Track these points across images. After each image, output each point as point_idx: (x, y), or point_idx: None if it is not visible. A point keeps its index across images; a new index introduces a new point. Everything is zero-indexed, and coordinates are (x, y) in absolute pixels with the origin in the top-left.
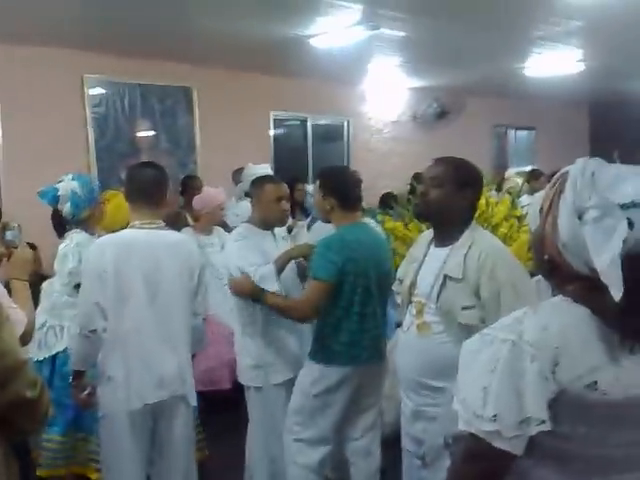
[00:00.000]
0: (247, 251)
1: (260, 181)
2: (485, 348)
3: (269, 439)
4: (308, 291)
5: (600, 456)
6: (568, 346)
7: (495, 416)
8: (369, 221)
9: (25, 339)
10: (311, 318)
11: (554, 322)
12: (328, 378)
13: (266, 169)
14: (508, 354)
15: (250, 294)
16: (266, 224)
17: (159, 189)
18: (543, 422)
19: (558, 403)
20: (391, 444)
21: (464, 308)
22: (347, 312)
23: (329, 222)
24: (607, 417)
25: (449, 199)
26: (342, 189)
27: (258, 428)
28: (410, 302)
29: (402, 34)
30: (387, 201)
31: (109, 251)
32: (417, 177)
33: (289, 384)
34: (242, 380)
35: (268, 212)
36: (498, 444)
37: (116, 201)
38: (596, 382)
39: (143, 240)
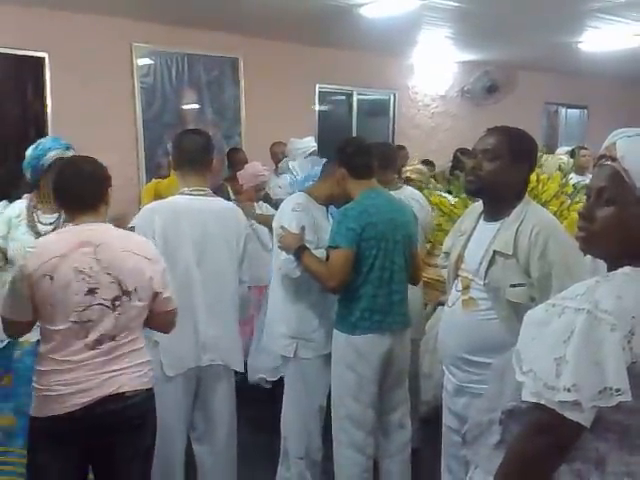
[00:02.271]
0: (304, 225)
1: None
2: (555, 318)
3: (303, 411)
4: (330, 260)
5: None
6: None
7: (574, 386)
8: (414, 193)
9: None
10: (338, 287)
11: (628, 291)
12: (355, 347)
13: (311, 142)
14: (584, 323)
15: (294, 249)
16: (331, 201)
17: (206, 156)
18: (624, 393)
19: (629, 375)
20: (427, 423)
21: (513, 285)
22: (367, 277)
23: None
24: None
25: (503, 173)
26: (349, 158)
27: (292, 399)
28: (456, 277)
29: (454, 4)
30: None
31: (158, 217)
32: (463, 152)
33: (326, 357)
34: (273, 346)
35: (339, 191)
36: (570, 415)
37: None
38: None
39: (191, 206)
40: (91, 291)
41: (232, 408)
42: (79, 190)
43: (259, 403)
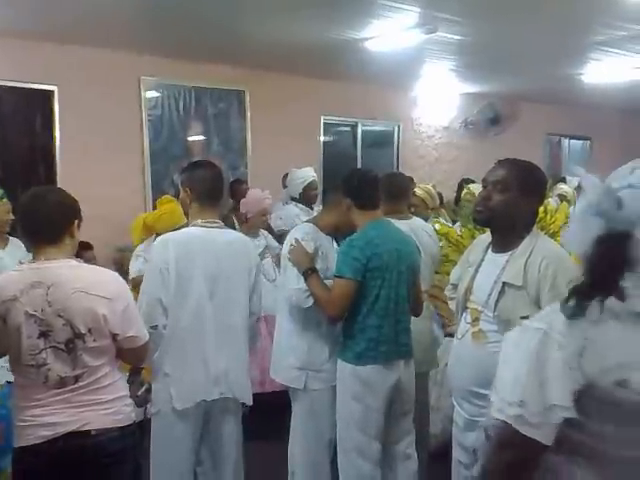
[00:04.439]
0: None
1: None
2: (522, 338)
3: (312, 444)
4: (333, 289)
5: (636, 460)
6: (599, 338)
7: (521, 402)
8: (423, 224)
9: None
10: (338, 316)
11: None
12: (361, 378)
13: (310, 172)
14: (538, 342)
15: (303, 267)
16: (336, 231)
17: (221, 189)
18: (567, 409)
19: (587, 397)
20: (437, 456)
21: (523, 317)
22: (373, 308)
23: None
24: None
25: (513, 205)
26: (355, 189)
27: (301, 432)
28: (465, 308)
29: (458, 38)
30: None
31: (172, 248)
32: (468, 182)
33: (336, 388)
34: (279, 378)
35: (344, 221)
36: (525, 430)
37: (166, 207)
38: (627, 380)
39: (204, 238)
40: (43, 334)
41: (239, 442)
42: (41, 220)
43: (266, 437)
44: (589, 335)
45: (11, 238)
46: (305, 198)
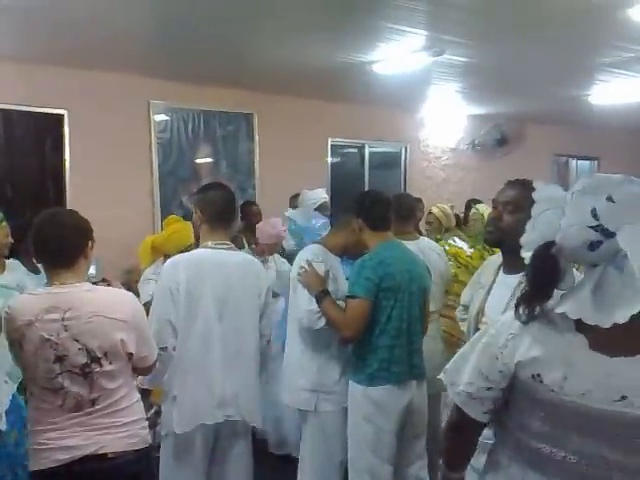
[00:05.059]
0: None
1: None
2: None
3: (324, 467)
4: (347, 310)
5: (558, 458)
6: (523, 335)
7: (444, 372)
8: (431, 244)
9: None
10: (354, 338)
11: None
12: (372, 399)
13: (322, 194)
14: (481, 332)
15: (316, 289)
16: (345, 252)
17: (232, 211)
18: (468, 385)
19: (515, 389)
20: None
21: None
22: (385, 328)
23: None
24: (561, 419)
25: (524, 226)
26: (367, 210)
27: (311, 454)
28: (477, 329)
29: (464, 60)
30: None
31: (182, 269)
32: (475, 202)
33: (347, 409)
34: (290, 401)
35: (353, 242)
36: (455, 400)
37: (174, 227)
38: (540, 374)
39: (215, 260)
40: (59, 359)
41: (249, 465)
42: (57, 244)
43: (276, 459)
44: (516, 331)
45: (7, 261)
46: None
